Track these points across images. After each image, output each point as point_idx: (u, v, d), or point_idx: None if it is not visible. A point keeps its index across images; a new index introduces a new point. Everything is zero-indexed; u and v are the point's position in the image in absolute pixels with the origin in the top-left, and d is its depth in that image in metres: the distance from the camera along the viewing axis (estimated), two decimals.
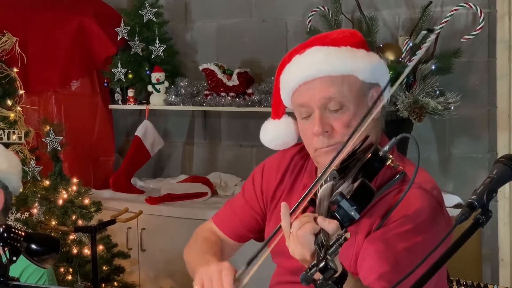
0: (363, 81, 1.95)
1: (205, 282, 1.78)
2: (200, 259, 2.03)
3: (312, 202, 1.74)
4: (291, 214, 1.70)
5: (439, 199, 1.92)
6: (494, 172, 1.51)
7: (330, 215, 1.59)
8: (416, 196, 1.85)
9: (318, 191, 1.74)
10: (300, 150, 2.14)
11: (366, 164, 1.71)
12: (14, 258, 1.73)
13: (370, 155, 1.73)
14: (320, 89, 1.93)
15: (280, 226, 1.69)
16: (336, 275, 1.46)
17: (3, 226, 1.74)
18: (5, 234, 1.73)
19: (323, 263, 1.44)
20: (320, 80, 1.93)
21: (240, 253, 2.24)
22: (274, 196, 2.14)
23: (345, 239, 1.48)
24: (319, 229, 1.58)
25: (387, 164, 1.74)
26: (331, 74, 1.92)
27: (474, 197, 1.46)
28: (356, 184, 1.61)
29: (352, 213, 1.57)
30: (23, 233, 1.77)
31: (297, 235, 1.60)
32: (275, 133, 2.15)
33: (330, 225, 1.56)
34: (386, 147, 1.73)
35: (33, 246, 1.79)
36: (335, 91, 1.91)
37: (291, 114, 2.13)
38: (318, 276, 1.47)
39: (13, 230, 1.75)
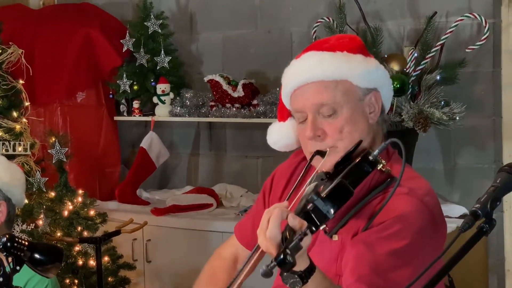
0: (358, 86, 1.94)
1: None
2: None
3: None
4: None
5: (430, 205, 1.87)
6: (498, 181, 1.51)
7: (303, 212, 1.59)
8: (403, 202, 1.83)
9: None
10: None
11: (354, 167, 1.73)
12: (18, 268, 1.73)
13: (359, 158, 1.74)
14: (313, 94, 1.93)
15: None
16: (299, 270, 1.50)
17: (7, 236, 1.74)
18: (8, 244, 1.73)
19: (281, 256, 1.46)
20: (313, 85, 1.94)
21: None
22: (280, 199, 2.14)
23: (305, 234, 1.51)
24: (285, 216, 1.59)
25: (378, 168, 1.75)
26: (324, 79, 1.93)
27: (477, 205, 1.46)
28: (332, 184, 1.62)
29: (326, 211, 1.58)
30: (26, 243, 1.78)
31: (267, 227, 1.60)
32: (278, 135, 2.17)
33: (295, 222, 1.57)
34: (376, 151, 1.74)
35: (37, 256, 1.79)
36: (328, 96, 1.91)
37: None
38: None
39: (17, 239, 1.76)
